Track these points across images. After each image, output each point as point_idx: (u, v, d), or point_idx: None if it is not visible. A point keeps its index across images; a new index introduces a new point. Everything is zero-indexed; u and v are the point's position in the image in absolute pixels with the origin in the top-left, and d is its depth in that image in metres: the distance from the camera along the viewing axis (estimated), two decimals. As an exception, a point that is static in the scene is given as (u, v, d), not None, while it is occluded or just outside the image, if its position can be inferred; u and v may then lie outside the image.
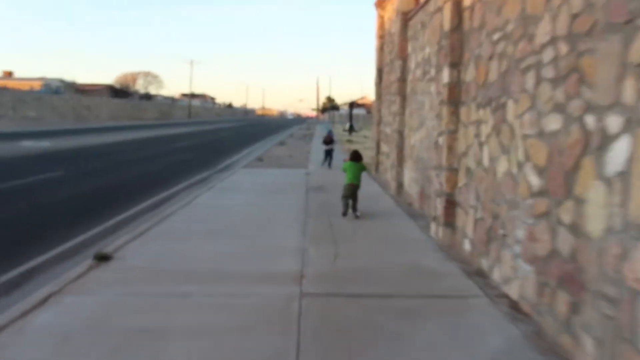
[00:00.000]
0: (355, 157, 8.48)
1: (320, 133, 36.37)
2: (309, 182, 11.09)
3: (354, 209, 8.19)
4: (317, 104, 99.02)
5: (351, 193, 8.15)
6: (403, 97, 8.79)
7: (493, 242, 4.01)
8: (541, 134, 3.39)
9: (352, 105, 39.21)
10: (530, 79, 3.62)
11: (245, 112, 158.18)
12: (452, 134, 5.51)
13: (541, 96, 3.42)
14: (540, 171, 3.43)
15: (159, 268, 4.24)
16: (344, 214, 8.02)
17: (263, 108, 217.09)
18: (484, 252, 4.24)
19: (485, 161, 4.42)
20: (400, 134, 9.03)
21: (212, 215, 6.83)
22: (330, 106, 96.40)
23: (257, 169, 13.61)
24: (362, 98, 79.48)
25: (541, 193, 3.40)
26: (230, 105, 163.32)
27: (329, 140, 15.44)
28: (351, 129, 36.44)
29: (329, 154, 15.08)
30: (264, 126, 58.27)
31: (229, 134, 35.00)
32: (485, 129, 4.47)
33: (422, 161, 7.51)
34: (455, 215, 5.57)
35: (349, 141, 26.89)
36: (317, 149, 21.76)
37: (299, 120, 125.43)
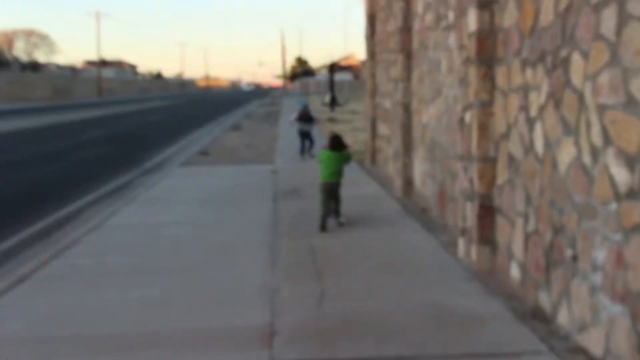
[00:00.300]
0: (335, 144, 8.23)
1: (290, 110, 34.79)
2: (278, 183, 10.68)
3: (337, 214, 8.03)
4: (284, 68, 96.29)
5: (329, 195, 7.95)
6: (408, 55, 8.34)
7: (556, 267, 3.72)
8: (630, 104, 3.07)
9: (333, 68, 37.57)
10: (609, 19, 3.30)
11: (182, 84, 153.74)
12: (485, 107, 5.14)
13: (628, 45, 3.12)
14: (631, 161, 3.11)
15: (50, 336, 3.68)
16: (322, 226, 7.67)
17: (207, 78, 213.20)
18: (542, 282, 3.93)
19: (539, 146, 4.08)
20: (406, 108, 8.70)
21: (135, 242, 6.35)
22: (302, 71, 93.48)
23: (201, 167, 13.10)
24: (347, 58, 76.25)
25: (633, 194, 3.09)
26: (159, 76, 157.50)
27: (306, 118, 14.51)
28: (333, 103, 34.80)
29: (306, 137, 14.14)
30: (209, 103, 56.48)
31: (160, 117, 33.49)
32: (537, 98, 4.14)
33: (440, 148, 7.17)
34: (494, 227, 5.20)
35: (331, 120, 25.02)
36: (288, 133, 20.57)
37: (259, 92, 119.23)
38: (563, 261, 3.73)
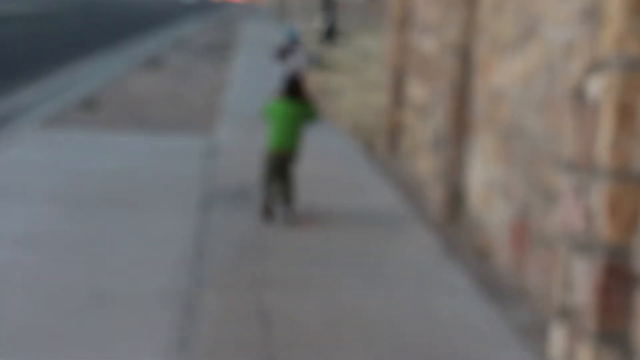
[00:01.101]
0: (293, 89, 8.34)
1: (255, 41, 34.61)
2: (215, 174, 10.30)
3: (287, 199, 8.22)
4: None
5: (278, 170, 8.21)
6: None
7: None
8: None
9: None
10: None
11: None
12: (637, 69, 5.15)
13: None
14: None
15: None
16: (266, 213, 8.14)
17: None
18: None
19: None
20: (465, 56, 8.36)
21: None
22: None
23: (78, 132, 12.72)
24: None
25: None
26: None
27: (287, 49, 14.73)
28: (331, 34, 38.02)
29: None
30: (112, 16, 56.79)
31: (16, 32, 34.07)
32: None
33: (525, 138, 7.02)
34: (630, 313, 5.45)
35: (324, 66, 24.31)
36: (244, 80, 19.36)
37: (204, 5, 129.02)
38: None
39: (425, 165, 9.67)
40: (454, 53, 8.49)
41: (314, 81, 19.65)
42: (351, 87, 18.64)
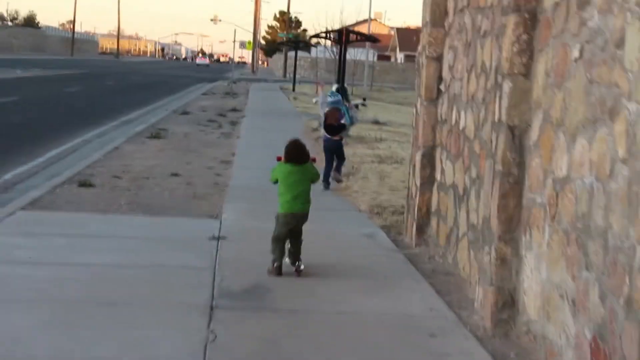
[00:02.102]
0: (298, 152, 8.85)
1: (260, 112, 33.43)
2: (223, 268, 9.55)
3: (295, 257, 8.67)
4: (255, 32, 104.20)
5: (291, 230, 8.68)
6: (530, 17, 7.31)
7: None
8: None
9: (344, 36, 36.92)
10: None
11: (71, 41, 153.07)
12: None
13: None
14: None
15: None
16: (277, 269, 8.58)
17: (119, 35, 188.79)
18: None
19: None
20: (515, 135, 7.52)
21: None
22: (291, 38, 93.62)
23: (65, 212, 12.36)
24: (370, 21, 75.62)
25: None
26: (30, 22, 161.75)
27: (335, 122, 14.59)
28: (344, 93, 38.42)
29: (334, 153, 14.64)
30: (108, 85, 53.10)
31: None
32: None
33: (601, 239, 5.88)
34: None
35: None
36: (253, 153, 18.74)
37: (214, 69, 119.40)
38: None
39: (465, 260, 8.74)
40: (502, 132, 7.22)
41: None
42: (370, 170, 17.69)
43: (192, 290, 7.99)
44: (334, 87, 38.59)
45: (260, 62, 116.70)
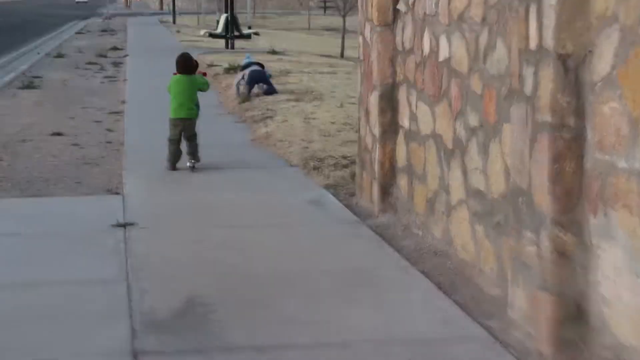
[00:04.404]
0: (185, 63, 10.55)
1: (144, 49, 31.26)
2: (138, 271, 7.64)
3: (192, 155, 10.36)
4: None
5: (180, 134, 10.33)
6: None
7: None
8: None
9: None
10: None
11: None
12: None
13: None
14: None
15: None
16: (171, 166, 10.41)
17: None
18: None
19: None
20: (565, 66, 5.59)
21: None
22: None
23: None
24: None
25: None
26: None
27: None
28: (231, 32, 33.40)
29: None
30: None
31: None
32: None
33: None
34: None
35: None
36: (145, 101, 16.63)
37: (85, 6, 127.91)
38: None
39: (466, 237, 6.88)
40: (546, 63, 5.14)
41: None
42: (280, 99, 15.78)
43: (100, 325, 5.79)
44: (222, 18, 36.95)
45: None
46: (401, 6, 7.95)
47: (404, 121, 8.03)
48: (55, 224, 8.21)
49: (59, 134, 13.24)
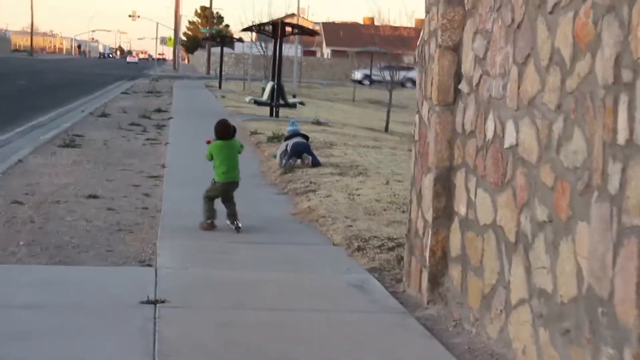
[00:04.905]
0: (226, 131, 10.91)
1: (188, 113, 31.13)
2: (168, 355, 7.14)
3: (234, 217, 10.50)
4: (176, 27, 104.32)
5: (225, 194, 10.66)
6: None
7: None
8: None
9: (280, 29, 35.22)
10: None
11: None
12: None
13: None
14: None
15: None
16: (210, 224, 10.60)
17: (33, 32, 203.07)
18: None
19: None
20: None
21: None
22: (214, 34, 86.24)
23: None
24: (298, 15, 73.50)
25: None
26: None
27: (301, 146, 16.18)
28: (277, 100, 31.51)
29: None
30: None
31: None
32: None
33: None
34: None
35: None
36: (185, 167, 16.38)
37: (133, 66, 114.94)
38: None
39: (527, 341, 6.16)
40: None
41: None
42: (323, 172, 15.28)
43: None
44: (269, 86, 36.62)
45: (181, 59, 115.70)
46: (463, 86, 7.34)
47: (460, 208, 7.50)
48: (81, 296, 7.80)
49: (94, 197, 12.92)
